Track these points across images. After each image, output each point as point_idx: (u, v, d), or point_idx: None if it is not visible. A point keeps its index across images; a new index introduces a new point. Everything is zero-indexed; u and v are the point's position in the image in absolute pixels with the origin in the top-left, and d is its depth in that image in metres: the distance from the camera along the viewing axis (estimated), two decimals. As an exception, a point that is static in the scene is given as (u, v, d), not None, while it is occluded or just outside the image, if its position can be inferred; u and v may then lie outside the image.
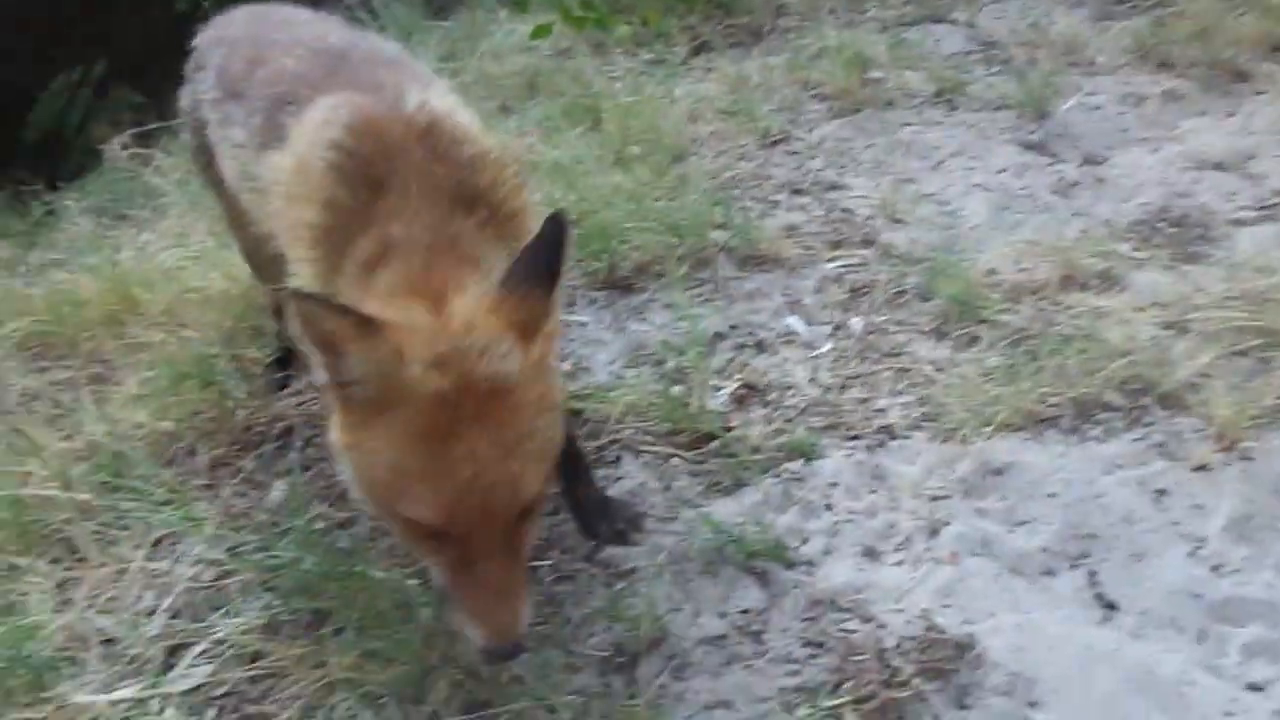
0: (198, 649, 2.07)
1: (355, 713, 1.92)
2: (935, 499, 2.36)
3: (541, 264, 1.62)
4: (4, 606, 2.20)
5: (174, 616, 2.17)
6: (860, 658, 1.97)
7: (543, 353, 1.63)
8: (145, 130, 5.16)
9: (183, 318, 3.25)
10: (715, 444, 2.56)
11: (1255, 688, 1.90)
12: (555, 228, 1.62)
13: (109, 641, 2.13)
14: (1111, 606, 2.09)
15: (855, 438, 2.57)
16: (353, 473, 1.67)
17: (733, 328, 3.04)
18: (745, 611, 2.12)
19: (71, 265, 3.99)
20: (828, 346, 2.94)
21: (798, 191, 3.82)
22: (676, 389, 2.73)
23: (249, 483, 2.58)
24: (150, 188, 4.70)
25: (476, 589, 1.63)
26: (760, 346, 2.98)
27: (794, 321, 3.07)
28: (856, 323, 3.02)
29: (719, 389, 2.78)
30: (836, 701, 1.88)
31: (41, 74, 9.29)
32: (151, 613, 2.19)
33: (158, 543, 2.39)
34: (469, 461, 1.53)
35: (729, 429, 2.58)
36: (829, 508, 2.37)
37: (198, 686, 2.01)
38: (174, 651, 2.11)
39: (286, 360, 2.98)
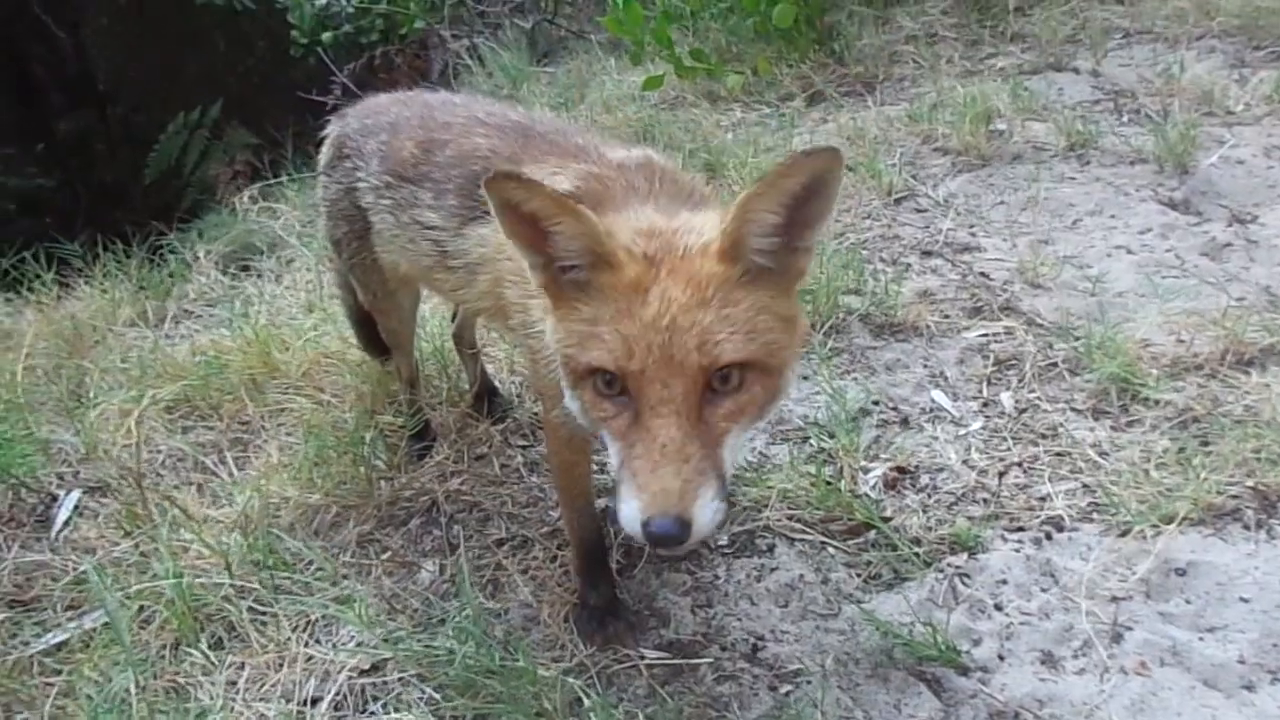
0: (366, 749, 2.05)
1: (529, 823, 1.87)
2: (1114, 600, 2.24)
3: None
4: (172, 689, 2.21)
5: (337, 709, 2.16)
6: (1055, 783, 1.86)
7: (720, 243, 1.62)
8: (269, 184, 5.28)
9: (320, 382, 3.29)
10: (872, 534, 2.47)
11: None
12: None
13: (274, 732, 2.13)
14: (1321, 728, 1.94)
15: (1020, 529, 2.46)
16: (555, 353, 1.72)
17: (875, 402, 2.96)
18: (922, 723, 2.03)
19: (205, 317, 4.11)
20: (978, 424, 2.84)
21: (928, 253, 3.73)
22: (826, 469, 2.65)
23: (397, 561, 2.57)
24: (275, 239, 4.81)
25: (644, 448, 1.53)
26: (906, 423, 2.89)
27: (939, 396, 2.98)
28: (1007, 399, 2.91)
29: (868, 470, 2.69)
30: (1036, 834, 1.77)
31: (158, 116, 9.69)
32: (315, 702, 2.18)
33: (310, 625, 2.39)
34: (658, 302, 1.56)
35: (886, 518, 2.49)
36: (999, 608, 2.26)
37: (367, 786, 1.98)
38: (339, 745, 2.09)
39: (425, 432, 2.99)
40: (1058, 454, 2.68)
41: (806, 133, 4.82)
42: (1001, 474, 2.62)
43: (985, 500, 2.55)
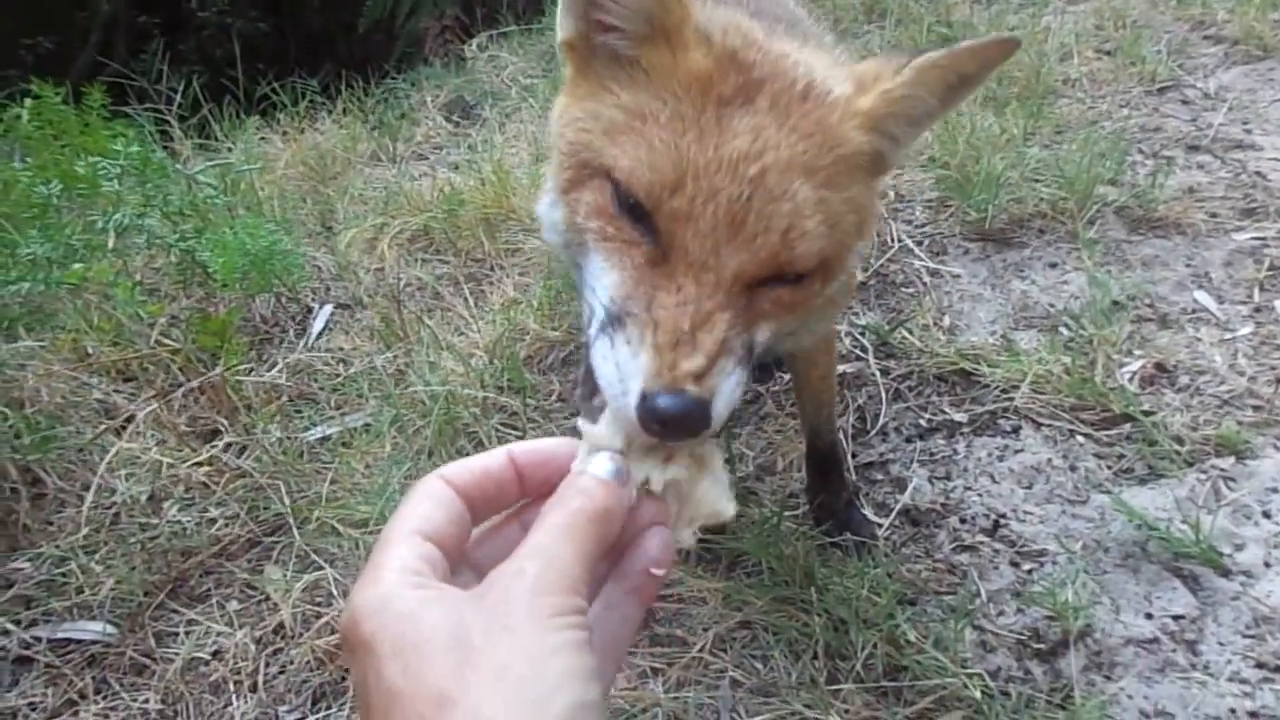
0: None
1: (769, 655, 1.94)
2: (1401, 526, 2.08)
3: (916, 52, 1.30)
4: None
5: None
6: (1330, 694, 1.78)
7: (873, 106, 1.25)
8: (502, 31, 5.33)
9: (552, 227, 3.35)
10: (1127, 426, 2.37)
11: None
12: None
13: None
14: None
15: (1295, 441, 2.30)
16: (557, 137, 1.30)
17: (1130, 297, 2.79)
18: (1177, 617, 1.96)
19: (432, 159, 4.23)
20: (1246, 330, 2.65)
21: (1194, 148, 3.44)
22: (1078, 360, 2.54)
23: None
24: (497, 90, 4.88)
25: (662, 297, 1.10)
26: (1164, 321, 2.72)
27: (1203, 297, 2.78)
28: (1282, 307, 2.70)
29: (1123, 364, 2.57)
30: (1307, 740, 1.71)
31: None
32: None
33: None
34: (749, 137, 1.15)
35: (1146, 413, 2.38)
36: (1268, 515, 2.14)
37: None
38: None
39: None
40: (1341, 370, 2.47)
41: (1057, 13, 4.48)
42: (1276, 383, 2.45)
43: (1256, 407, 2.39)
